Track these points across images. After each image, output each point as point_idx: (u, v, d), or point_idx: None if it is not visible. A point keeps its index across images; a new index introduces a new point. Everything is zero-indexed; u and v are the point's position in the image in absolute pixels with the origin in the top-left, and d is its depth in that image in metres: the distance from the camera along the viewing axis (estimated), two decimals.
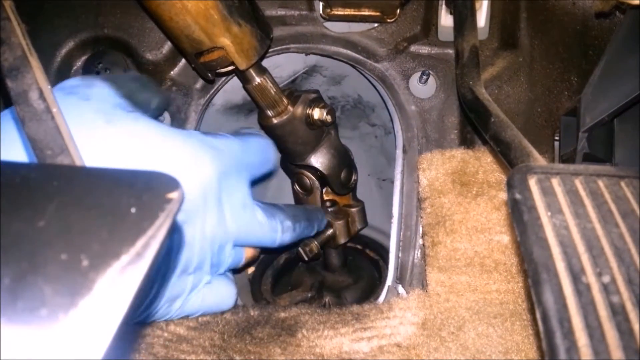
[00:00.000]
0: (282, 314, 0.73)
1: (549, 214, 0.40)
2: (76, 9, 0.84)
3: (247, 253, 0.76)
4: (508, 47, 0.86)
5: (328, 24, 0.86)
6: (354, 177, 0.98)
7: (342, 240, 0.98)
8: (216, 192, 0.64)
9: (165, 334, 0.69)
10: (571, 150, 0.73)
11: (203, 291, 0.69)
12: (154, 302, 0.63)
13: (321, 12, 0.84)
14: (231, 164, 0.67)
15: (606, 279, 0.36)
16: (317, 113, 0.86)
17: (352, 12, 0.83)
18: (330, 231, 0.96)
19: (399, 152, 0.88)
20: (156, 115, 0.76)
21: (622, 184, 0.44)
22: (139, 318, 0.65)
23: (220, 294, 0.72)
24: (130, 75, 0.71)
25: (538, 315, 0.35)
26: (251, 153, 0.72)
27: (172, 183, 0.34)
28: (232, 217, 0.67)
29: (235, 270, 0.82)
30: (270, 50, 0.84)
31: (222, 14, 0.69)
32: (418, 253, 0.82)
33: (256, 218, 0.71)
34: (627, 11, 0.72)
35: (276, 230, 0.73)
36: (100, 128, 0.58)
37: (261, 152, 0.74)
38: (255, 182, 0.74)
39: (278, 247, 0.76)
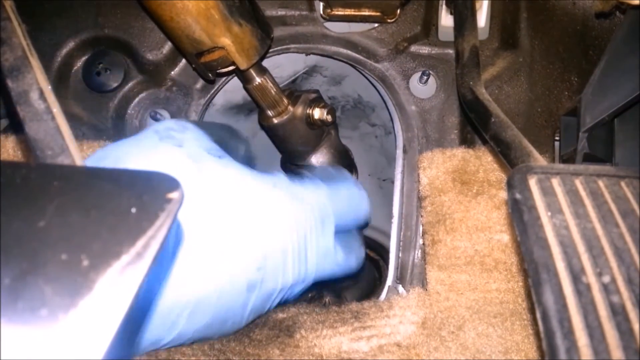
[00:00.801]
0: (280, 315, 0.73)
1: (549, 213, 0.40)
2: (76, 9, 0.84)
3: None
4: (508, 47, 0.86)
5: (328, 24, 0.86)
6: (354, 177, 0.98)
7: None
8: (296, 245, 0.63)
9: None
10: (571, 150, 0.73)
11: None
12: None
13: (321, 12, 0.84)
14: (316, 215, 0.66)
15: (606, 279, 0.36)
16: (317, 113, 0.86)
17: (353, 13, 0.83)
18: None
19: (399, 152, 0.88)
20: (245, 163, 0.76)
21: (622, 184, 0.44)
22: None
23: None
24: (219, 124, 0.71)
25: (538, 315, 0.35)
26: (340, 202, 0.70)
27: (172, 183, 0.34)
28: (313, 265, 0.66)
29: None
30: (270, 50, 0.84)
31: (222, 14, 0.69)
32: (418, 253, 0.82)
33: (336, 261, 0.69)
34: (627, 11, 0.72)
35: (351, 266, 0.72)
36: (192, 176, 0.58)
37: (351, 201, 0.72)
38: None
39: None
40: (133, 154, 0.59)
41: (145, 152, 0.59)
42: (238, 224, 0.59)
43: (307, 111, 0.85)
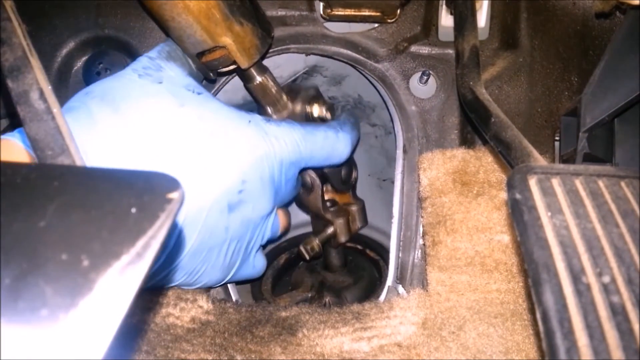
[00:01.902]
0: (283, 313, 0.73)
1: (549, 214, 0.40)
2: (77, 9, 0.84)
3: (282, 222, 0.83)
4: (508, 48, 0.86)
5: (328, 25, 0.86)
6: (354, 175, 0.98)
7: (342, 238, 0.98)
8: (268, 175, 0.71)
9: (168, 337, 0.69)
10: (571, 150, 0.73)
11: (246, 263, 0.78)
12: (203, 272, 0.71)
13: (321, 12, 0.84)
14: (288, 152, 0.73)
15: (606, 279, 0.36)
16: (316, 110, 0.86)
17: (353, 13, 0.83)
18: (330, 230, 0.96)
19: (400, 152, 0.88)
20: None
21: (622, 184, 0.44)
22: (192, 286, 0.74)
23: (257, 266, 0.81)
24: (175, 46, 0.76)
25: (538, 315, 0.35)
26: (314, 143, 0.76)
27: (172, 183, 0.35)
28: (285, 195, 0.78)
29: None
30: (270, 50, 0.84)
31: (223, 13, 0.69)
32: (418, 253, 0.82)
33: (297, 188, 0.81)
34: (627, 11, 0.72)
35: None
36: (175, 111, 0.65)
37: (325, 143, 0.77)
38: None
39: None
40: (117, 89, 0.65)
41: (129, 88, 0.65)
42: (217, 152, 0.66)
43: (306, 108, 0.85)
